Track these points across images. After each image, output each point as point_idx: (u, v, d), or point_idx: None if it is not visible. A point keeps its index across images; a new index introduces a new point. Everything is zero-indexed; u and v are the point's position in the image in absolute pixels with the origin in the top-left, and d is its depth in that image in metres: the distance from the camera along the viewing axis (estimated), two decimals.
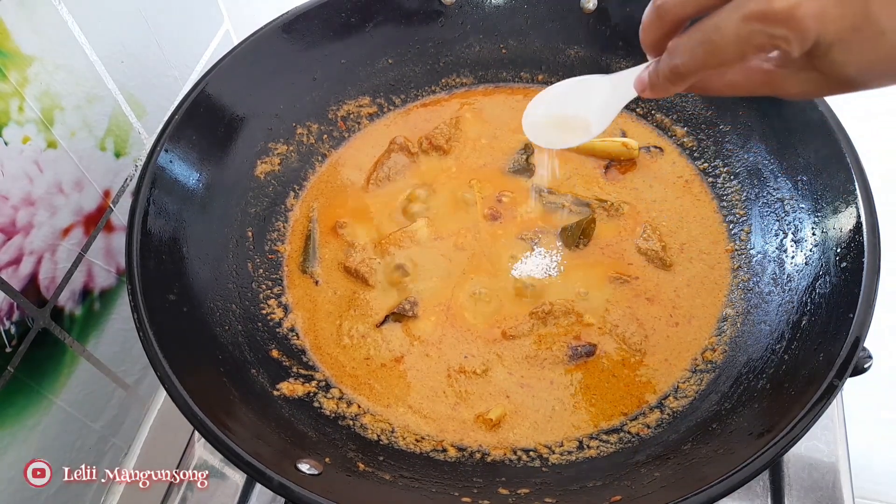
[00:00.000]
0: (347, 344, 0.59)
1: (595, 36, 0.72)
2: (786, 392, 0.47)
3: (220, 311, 0.56)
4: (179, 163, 0.58)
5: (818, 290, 0.51)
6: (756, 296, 0.57)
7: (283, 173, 0.68)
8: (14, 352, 0.50)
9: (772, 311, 0.55)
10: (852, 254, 0.49)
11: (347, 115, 0.73)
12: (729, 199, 0.64)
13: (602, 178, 0.68)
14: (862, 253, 0.48)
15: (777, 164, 0.61)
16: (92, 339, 0.60)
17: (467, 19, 0.74)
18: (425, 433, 0.54)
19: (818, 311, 0.50)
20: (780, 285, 0.56)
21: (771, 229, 0.59)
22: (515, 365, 0.56)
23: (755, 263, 0.59)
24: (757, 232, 0.60)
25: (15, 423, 0.51)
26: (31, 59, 0.51)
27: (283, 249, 0.65)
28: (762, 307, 0.56)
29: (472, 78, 0.76)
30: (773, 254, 0.58)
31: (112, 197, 0.62)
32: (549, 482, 0.49)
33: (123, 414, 0.64)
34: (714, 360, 0.55)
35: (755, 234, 0.60)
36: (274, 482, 0.41)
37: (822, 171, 0.55)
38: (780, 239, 0.58)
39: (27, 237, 0.51)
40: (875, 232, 0.48)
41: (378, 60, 0.73)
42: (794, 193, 0.58)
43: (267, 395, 0.53)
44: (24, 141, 0.50)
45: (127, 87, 0.62)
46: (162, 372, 0.46)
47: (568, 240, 0.63)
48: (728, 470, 0.41)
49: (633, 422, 0.53)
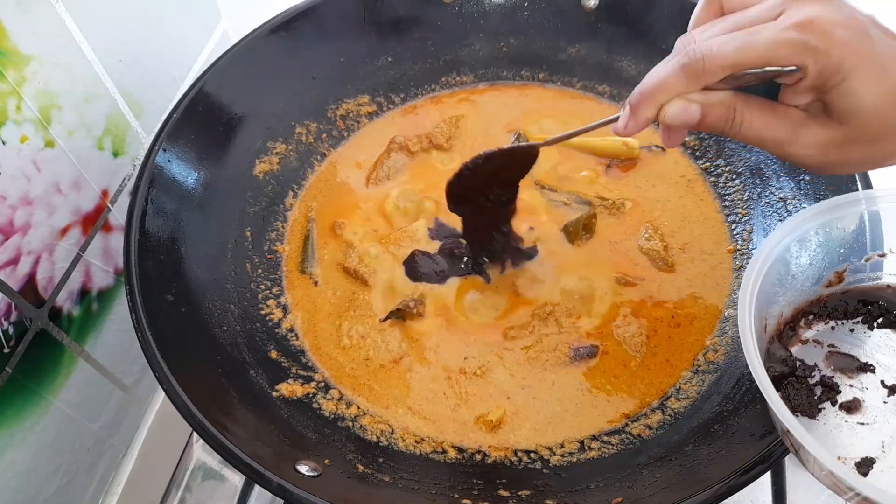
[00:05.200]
0: (347, 345, 0.58)
1: (596, 34, 0.71)
2: None
3: (219, 312, 0.56)
4: (178, 162, 0.58)
5: None
6: None
7: (281, 173, 0.68)
8: (12, 352, 0.50)
9: None
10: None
11: (347, 114, 0.73)
12: (731, 198, 0.64)
13: (604, 177, 0.68)
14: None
15: (779, 163, 0.60)
16: (90, 339, 0.59)
17: (467, 18, 0.73)
18: (425, 434, 0.53)
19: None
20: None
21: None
22: (517, 366, 0.56)
23: None
24: (759, 232, 0.60)
25: (13, 423, 0.51)
26: (29, 58, 0.51)
27: (282, 249, 0.65)
28: None
29: (472, 76, 0.76)
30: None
31: (110, 196, 0.61)
32: (550, 484, 0.49)
33: (122, 415, 0.64)
34: (716, 361, 0.55)
35: (758, 234, 0.60)
36: (273, 483, 0.41)
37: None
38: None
39: (25, 237, 0.51)
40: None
41: (377, 59, 0.73)
42: (797, 193, 0.58)
43: (266, 396, 0.52)
44: (22, 140, 0.50)
45: (125, 87, 0.62)
46: (160, 373, 0.45)
47: (570, 235, 0.63)
48: (730, 471, 0.41)
49: (634, 423, 0.53)
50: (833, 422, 0.41)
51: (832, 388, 0.42)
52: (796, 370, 0.42)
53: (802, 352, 0.44)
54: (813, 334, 0.45)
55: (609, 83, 0.73)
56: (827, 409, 0.41)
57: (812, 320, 0.45)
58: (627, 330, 0.57)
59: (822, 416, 0.41)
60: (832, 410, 0.41)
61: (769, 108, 0.38)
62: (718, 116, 0.39)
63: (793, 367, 0.42)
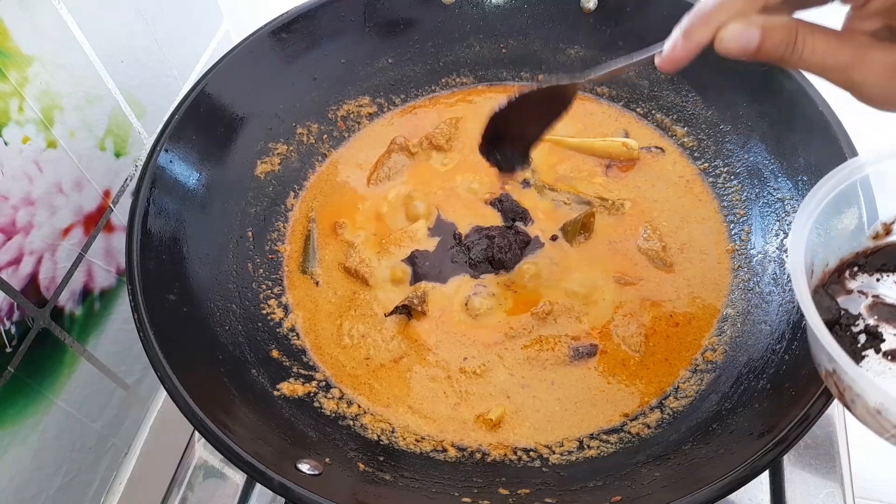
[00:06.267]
0: (348, 344, 0.59)
1: (595, 35, 0.71)
2: (786, 392, 0.46)
3: (221, 311, 0.56)
4: (179, 163, 0.58)
5: None
6: (756, 296, 0.57)
7: (283, 173, 0.68)
8: (14, 352, 0.50)
9: (772, 311, 0.55)
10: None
11: (347, 115, 0.73)
12: (729, 198, 0.64)
13: (603, 177, 0.68)
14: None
15: (777, 163, 0.61)
16: (92, 339, 0.60)
17: (467, 19, 0.74)
18: (425, 433, 0.54)
19: None
20: (781, 285, 0.56)
21: (771, 229, 0.59)
22: (516, 365, 0.56)
23: (756, 263, 0.59)
24: (757, 232, 0.60)
25: (15, 422, 0.51)
26: (30, 58, 0.51)
27: (284, 250, 0.65)
28: (763, 307, 0.56)
29: (472, 77, 0.76)
30: (773, 254, 0.58)
31: (112, 197, 0.62)
32: (550, 482, 0.49)
33: (123, 414, 0.64)
34: (714, 361, 0.55)
35: (756, 234, 0.60)
36: (274, 482, 0.41)
37: (823, 171, 0.54)
38: (780, 239, 0.58)
39: (27, 237, 0.51)
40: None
41: (378, 60, 0.73)
42: (795, 193, 0.58)
43: (267, 395, 0.53)
44: (24, 141, 0.50)
45: (127, 87, 0.62)
46: (162, 372, 0.45)
47: (569, 235, 0.63)
48: (728, 470, 0.41)
49: (633, 422, 0.53)
50: (876, 368, 0.41)
51: (876, 336, 0.42)
52: (840, 318, 0.42)
53: (847, 302, 0.44)
54: (857, 285, 0.45)
55: (608, 84, 0.73)
56: (870, 357, 0.41)
57: (857, 271, 0.45)
58: (626, 329, 0.57)
59: (865, 363, 0.41)
60: (876, 358, 0.41)
61: (833, 34, 0.36)
62: (779, 41, 0.35)
63: (837, 315, 0.42)
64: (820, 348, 0.35)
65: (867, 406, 0.34)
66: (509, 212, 0.65)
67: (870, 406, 0.34)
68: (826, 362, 0.37)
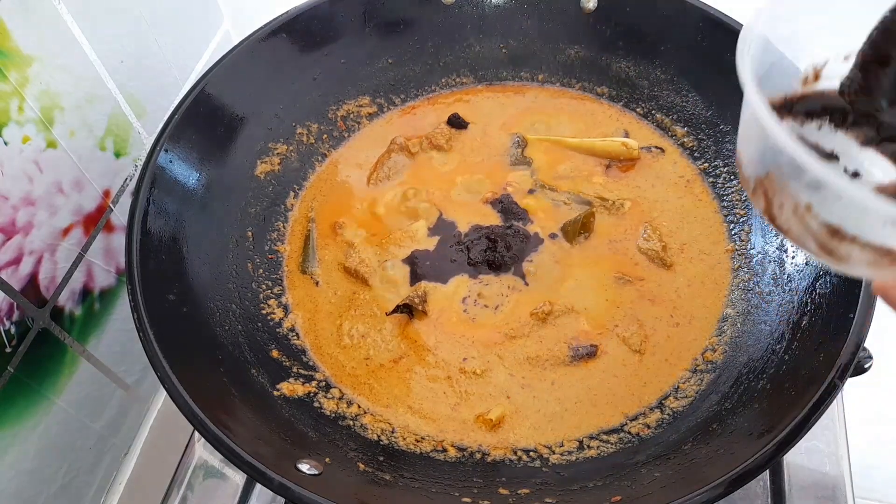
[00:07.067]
0: (347, 344, 0.59)
1: (595, 35, 0.71)
2: (786, 392, 0.47)
3: (220, 311, 0.56)
4: (179, 163, 0.58)
5: (818, 290, 0.51)
6: (756, 296, 0.57)
7: (282, 173, 0.68)
8: (14, 352, 0.50)
9: (772, 311, 0.55)
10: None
11: (347, 115, 0.73)
12: (729, 199, 0.64)
13: (603, 177, 0.68)
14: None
15: None
16: (92, 339, 0.60)
17: (467, 19, 0.74)
18: (425, 433, 0.54)
19: (818, 311, 0.50)
20: (781, 285, 0.56)
21: (771, 229, 0.59)
22: (516, 366, 0.56)
23: (755, 263, 0.59)
24: (757, 232, 0.60)
25: (15, 423, 0.51)
26: (30, 58, 0.51)
27: (283, 250, 0.65)
28: (762, 307, 0.56)
29: (471, 77, 0.76)
30: (773, 254, 0.58)
31: (112, 197, 0.62)
32: (550, 482, 0.49)
33: (123, 414, 0.64)
34: (714, 361, 0.55)
35: (755, 234, 0.60)
36: (274, 482, 0.41)
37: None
38: (780, 239, 0.58)
39: (27, 237, 0.51)
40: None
41: (378, 60, 0.73)
42: None
43: (267, 395, 0.53)
44: (24, 141, 0.50)
45: (127, 87, 0.62)
46: (162, 372, 0.45)
47: (569, 234, 0.63)
48: (728, 470, 0.41)
49: (633, 422, 0.53)
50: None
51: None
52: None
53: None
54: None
55: (608, 84, 0.73)
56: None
57: (783, 114, 0.43)
58: (626, 329, 0.57)
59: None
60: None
61: None
62: None
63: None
64: (756, 145, 0.32)
65: (797, 204, 0.30)
66: (509, 212, 0.65)
67: (801, 202, 0.30)
68: (759, 162, 0.33)
